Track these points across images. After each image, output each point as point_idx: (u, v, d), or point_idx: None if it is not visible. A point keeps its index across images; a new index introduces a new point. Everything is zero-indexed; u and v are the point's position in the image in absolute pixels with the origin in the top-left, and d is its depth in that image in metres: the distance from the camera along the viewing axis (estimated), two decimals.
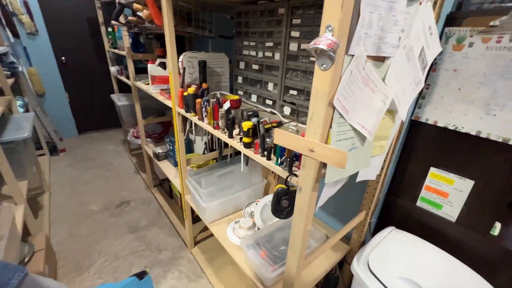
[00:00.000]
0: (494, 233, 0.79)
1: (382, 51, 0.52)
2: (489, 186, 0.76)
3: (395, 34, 0.52)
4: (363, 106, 0.53)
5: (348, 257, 1.08)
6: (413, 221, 0.95)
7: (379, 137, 0.68)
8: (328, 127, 0.49)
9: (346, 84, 0.47)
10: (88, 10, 2.71)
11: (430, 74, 0.80)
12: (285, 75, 0.95)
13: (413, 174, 0.93)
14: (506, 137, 0.70)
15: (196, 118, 0.96)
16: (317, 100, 0.47)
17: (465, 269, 0.78)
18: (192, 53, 1.10)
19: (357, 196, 1.03)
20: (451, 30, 0.74)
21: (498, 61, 0.67)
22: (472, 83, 0.73)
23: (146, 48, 1.79)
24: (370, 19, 0.45)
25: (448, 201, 0.85)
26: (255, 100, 1.13)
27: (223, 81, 1.23)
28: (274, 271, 0.83)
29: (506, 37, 0.65)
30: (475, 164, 0.78)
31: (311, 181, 0.54)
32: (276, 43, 0.95)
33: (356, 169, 0.60)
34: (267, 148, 0.66)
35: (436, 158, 0.86)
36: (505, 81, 0.67)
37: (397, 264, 0.81)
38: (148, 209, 1.93)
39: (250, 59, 1.10)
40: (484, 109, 0.72)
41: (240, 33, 1.12)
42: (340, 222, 1.17)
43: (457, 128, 0.78)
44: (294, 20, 0.86)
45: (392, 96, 0.59)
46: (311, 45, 0.42)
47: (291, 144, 0.54)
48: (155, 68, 1.37)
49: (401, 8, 0.50)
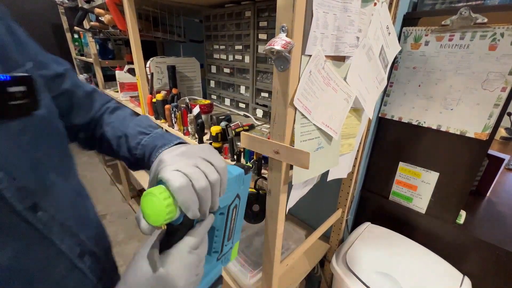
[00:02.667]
0: (460, 222, 0.83)
1: (341, 50, 0.52)
2: (452, 177, 0.80)
3: (352, 34, 0.53)
4: (326, 106, 0.53)
5: (328, 256, 1.09)
6: (387, 215, 0.98)
7: (347, 135, 0.69)
8: (291, 128, 0.49)
9: (306, 84, 0.47)
10: (52, 16, 2.57)
11: (393, 72, 0.84)
12: (256, 78, 0.95)
13: (384, 170, 0.95)
14: (464, 130, 0.74)
15: (166, 124, 0.93)
16: (278, 101, 0.47)
17: (436, 259, 0.81)
18: (161, 58, 1.07)
19: (334, 194, 1.04)
20: (408, 29, 0.77)
21: (451, 58, 0.71)
22: (430, 79, 0.76)
23: (115, 55, 1.72)
24: (325, 20, 0.46)
25: (417, 193, 0.88)
26: (229, 104, 1.11)
27: (195, 86, 1.21)
28: (253, 277, 0.81)
29: (457, 35, 0.69)
30: (438, 157, 0.82)
31: (279, 184, 0.53)
32: (245, 45, 0.95)
33: (324, 168, 0.60)
34: (236, 152, 0.65)
35: (403, 153, 0.89)
36: (459, 77, 0.71)
37: (373, 258, 0.82)
38: (126, 222, 1.85)
39: (221, 62, 1.09)
40: (443, 103, 0.76)
41: (210, 37, 1.10)
42: (321, 220, 1.18)
43: (420, 123, 0.81)
44: (261, 22, 0.86)
45: (356, 94, 0.60)
46: (267, 46, 0.42)
47: (257, 147, 0.53)
48: (123, 74, 1.32)
49: (356, 9, 0.51)
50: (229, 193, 0.37)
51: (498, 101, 0.67)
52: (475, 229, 0.81)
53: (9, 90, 0.25)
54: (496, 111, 0.68)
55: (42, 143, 0.31)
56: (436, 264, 0.79)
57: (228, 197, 0.37)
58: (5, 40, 0.29)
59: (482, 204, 0.97)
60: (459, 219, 0.83)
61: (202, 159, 0.31)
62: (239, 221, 0.43)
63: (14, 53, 0.30)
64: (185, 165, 0.29)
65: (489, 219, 0.87)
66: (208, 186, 0.29)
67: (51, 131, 0.33)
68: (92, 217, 0.41)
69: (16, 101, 0.26)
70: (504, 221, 0.86)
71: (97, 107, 0.48)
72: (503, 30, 0.62)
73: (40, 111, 0.30)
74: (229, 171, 0.36)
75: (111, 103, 0.50)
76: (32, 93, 0.29)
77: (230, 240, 0.41)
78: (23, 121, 0.28)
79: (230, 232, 0.41)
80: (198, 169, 0.29)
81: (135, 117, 0.48)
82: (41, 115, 0.31)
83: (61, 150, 0.35)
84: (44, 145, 0.31)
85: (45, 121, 0.32)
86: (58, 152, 0.34)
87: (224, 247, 0.40)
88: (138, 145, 0.42)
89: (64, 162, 0.36)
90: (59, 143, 0.35)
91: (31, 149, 0.29)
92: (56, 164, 0.33)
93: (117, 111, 0.49)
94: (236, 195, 0.39)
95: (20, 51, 0.32)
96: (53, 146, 0.33)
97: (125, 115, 0.49)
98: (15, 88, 0.26)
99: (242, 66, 0.98)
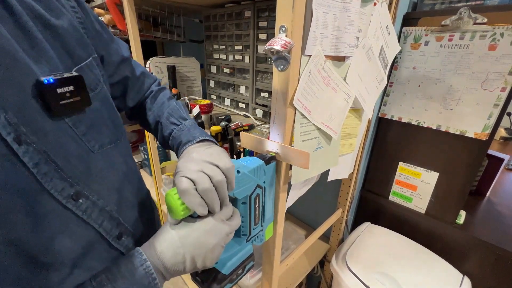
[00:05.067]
0: (459, 222, 0.83)
1: (340, 50, 0.52)
2: (452, 177, 0.80)
3: (352, 34, 0.53)
4: (326, 106, 0.53)
5: (328, 256, 1.09)
6: (387, 215, 0.98)
7: (347, 136, 0.69)
8: (291, 128, 0.49)
9: (305, 84, 0.47)
10: None
11: (393, 72, 0.84)
12: (255, 78, 0.95)
13: (384, 170, 0.95)
14: (463, 130, 0.74)
15: None
16: (278, 101, 0.46)
17: (436, 259, 0.81)
18: (161, 58, 1.07)
19: (334, 194, 1.04)
20: (408, 29, 0.77)
21: (451, 58, 0.71)
22: (430, 79, 0.76)
23: None
24: (325, 20, 0.46)
25: (417, 193, 0.88)
26: (229, 104, 1.11)
27: (195, 86, 1.21)
28: (253, 277, 0.81)
29: (457, 35, 0.69)
30: (438, 157, 0.82)
31: (279, 183, 0.53)
32: (245, 46, 0.95)
33: (323, 168, 0.60)
34: (236, 151, 0.65)
35: (403, 153, 0.89)
36: (459, 77, 0.71)
37: (373, 259, 0.82)
38: None
39: (221, 62, 1.09)
40: (442, 103, 0.76)
41: (210, 37, 1.10)
42: (320, 220, 1.18)
43: (420, 123, 0.81)
44: (261, 22, 0.86)
45: (355, 95, 0.60)
46: (267, 46, 0.42)
47: (257, 146, 0.53)
48: None
49: (355, 9, 0.51)
50: (247, 185, 0.42)
51: (498, 101, 0.67)
52: (475, 229, 0.81)
53: (58, 91, 0.28)
54: (495, 111, 0.68)
55: (95, 133, 0.34)
56: (436, 264, 0.79)
57: (246, 189, 0.42)
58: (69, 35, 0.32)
59: (482, 204, 0.97)
60: (459, 219, 0.83)
61: (208, 163, 0.34)
62: (268, 206, 0.48)
63: (77, 49, 0.33)
64: (190, 171, 0.33)
65: (489, 219, 0.87)
66: (211, 188, 0.33)
67: (104, 121, 0.36)
68: (137, 200, 0.43)
69: (66, 100, 0.29)
70: (504, 221, 0.86)
71: (145, 89, 0.53)
72: (503, 30, 0.62)
73: (94, 105, 0.33)
74: (246, 165, 0.42)
75: (154, 84, 0.55)
76: (83, 91, 0.31)
77: (257, 224, 0.47)
78: (77, 116, 0.31)
79: (256, 217, 0.46)
80: (202, 173, 0.33)
81: (171, 103, 0.53)
82: (94, 108, 0.34)
83: (113, 134, 0.38)
84: (96, 134, 0.34)
85: (98, 112, 0.35)
86: (110, 137, 0.37)
87: (252, 230, 0.46)
88: (170, 136, 0.48)
89: (115, 146, 0.38)
90: (111, 129, 0.37)
91: (84, 140, 0.32)
92: (107, 150, 0.36)
93: (159, 94, 0.54)
94: (257, 185, 0.44)
95: (84, 44, 0.34)
96: (104, 134, 0.36)
97: (164, 100, 0.53)
98: (63, 88, 0.28)
99: (242, 66, 0.98)
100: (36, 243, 0.27)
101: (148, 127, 0.54)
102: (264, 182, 0.46)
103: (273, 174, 0.48)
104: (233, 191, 0.39)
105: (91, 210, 0.32)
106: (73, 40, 0.32)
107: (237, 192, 0.40)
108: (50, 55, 0.29)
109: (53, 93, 0.27)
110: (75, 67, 0.32)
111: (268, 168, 0.45)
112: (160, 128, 0.50)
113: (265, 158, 0.45)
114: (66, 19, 0.32)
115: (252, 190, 0.43)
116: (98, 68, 0.37)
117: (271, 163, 0.46)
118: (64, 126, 0.30)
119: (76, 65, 0.32)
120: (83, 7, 0.37)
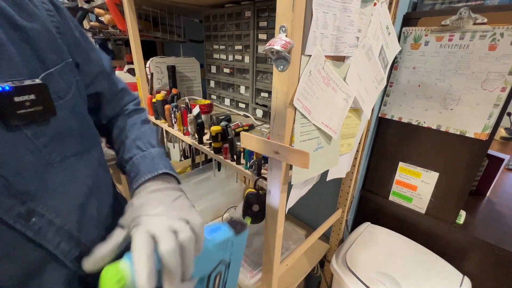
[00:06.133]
0: (459, 222, 0.83)
1: (340, 50, 0.52)
2: (452, 177, 0.80)
3: (352, 34, 0.53)
4: (325, 106, 0.54)
5: (328, 256, 1.09)
6: (387, 215, 0.98)
7: (346, 135, 0.69)
8: (291, 128, 0.49)
9: (305, 84, 0.47)
10: None
11: (393, 72, 0.84)
12: (255, 78, 0.95)
13: (384, 170, 0.95)
14: (463, 130, 0.74)
15: (166, 124, 0.93)
16: (278, 101, 0.47)
17: (436, 259, 0.81)
18: (160, 58, 1.07)
19: (334, 194, 1.04)
20: (408, 29, 0.77)
21: (451, 58, 0.71)
22: (430, 79, 0.76)
23: (115, 55, 1.72)
24: (325, 20, 0.46)
25: (417, 193, 0.88)
26: (229, 104, 1.11)
27: (195, 86, 1.21)
28: (253, 277, 0.81)
29: (457, 35, 0.69)
30: (438, 157, 0.81)
31: (279, 184, 0.53)
32: (245, 46, 0.95)
33: (323, 168, 0.60)
34: (236, 152, 0.65)
35: (403, 153, 0.89)
36: (459, 77, 0.71)
37: (373, 258, 0.82)
38: None
39: (221, 62, 1.09)
40: (442, 104, 0.76)
41: (210, 37, 1.10)
42: (320, 220, 1.18)
43: (420, 123, 0.81)
44: (261, 22, 0.86)
45: (355, 95, 0.60)
46: (267, 46, 0.42)
47: (257, 147, 0.53)
48: (123, 74, 1.32)
49: (355, 9, 0.51)
50: (208, 262, 0.34)
51: (498, 101, 0.67)
52: (475, 229, 0.81)
53: (16, 100, 0.26)
54: (495, 111, 0.68)
55: (58, 144, 0.31)
56: (436, 264, 0.79)
57: (206, 266, 0.34)
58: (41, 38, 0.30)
59: (482, 204, 0.97)
60: (459, 219, 0.83)
61: (177, 217, 0.30)
62: (231, 283, 0.39)
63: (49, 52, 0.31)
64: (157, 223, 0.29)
65: (489, 219, 0.87)
66: (177, 248, 0.27)
67: (71, 131, 0.33)
68: (106, 216, 0.40)
69: (25, 109, 0.26)
70: (504, 221, 0.86)
71: (121, 106, 0.51)
72: (503, 30, 0.62)
73: (61, 114, 0.31)
74: (211, 238, 0.33)
75: (133, 103, 0.53)
76: (46, 100, 0.29)
77: None
78: (38, 126, 0.28)
79: None
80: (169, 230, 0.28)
81: (144, 126, 0.49)
82: (61, 118, 0.31)
83: (79, 145, 0.35)
84: (60, 145, 0.31)
85: (66, 122, 0.32)
86: (76, 148, 0.34)
87: None
88: (130, 160, 0.43)
89: (80, 158, 0.35)
90: (78, 139, 0.35)
91: (44, 152, 0.29)
92: (70, 163, 0.33)
93: (134, 115, 0.51)
94: (220, 261, 0.35)
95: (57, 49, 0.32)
96: (70, 145, 0.33)
97: (136, 122, 0.49)
98: (22, 97, 0.26)
99: (242, 66, 0.98)
100: None
101: (112, 145, 0.50)
102: (230, 255, 0.37)
103: (243, 244, 0.39)
104: None
105: (46, 229, 0.30)
106: (45, 44, 0.30)
107: (195, 271, 0.30)
108: (13, 59, 0.27)
109: (8, 102, 0.25)
110: (44, 72, 0.30)
111: (238, 239, 0.36)
112: (122, 149, 0.46)
113: (236, 226, 0.36)
114: (39, 22, 0.30)
115: (213, 268, 0.35)
116: (71, 74, 0.35)
117: (242, 233, 0.37)
118: (21, 138, 0.27)
119: (46, 70, 0.30)
120: (61, 12, 0.35)
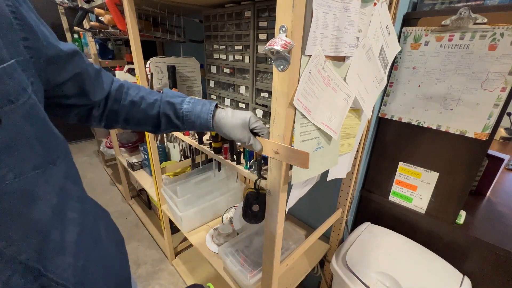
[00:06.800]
0: (459, 222, 0.83)
1: (340, 50, 0.52)
2: (452, 177, 0.80)
3: (352, 34, 0.53)
4: (326, 106, 0.53)
5: (328, 256, 1.09)
6: (387, 215, 0.98)
7: (346, 135, 0.69)
8: (291, 128, 0.49)
9: (306, 84, 0.47)
10: (52, 16, 2.57)
11: (393, 72, 0.84)
12: (255, 78, 0.95)
13: (384, 170, 0.95)
14: (463, 130, 0.74)
15: None
16: (278, 101, 0.47)
17: (436, 259, 0.81)
18: (160, 58, 1.07)
19: (334, 194, 1.04)
20: (408, 29, 0.77)
21: (451, 58, 0.71)
22: (430, 79, 0.76)
23: (115, 55, 1.72)
24: (325, 20, 0.46)
25: (417, 193, 0.88)
26: (229, 104, 1.11)
27: (195, 86, 1.21)
28: (253, 277, 0.81)
29: (457, 35, 0.69)
30: (438, 157, 0.81)
31: (279, 184, 0.53)
32: (245, 46, 0.95)
33: (323, 168, 0.60)
34: (236, 152, 0.65)
35: (403, 153, 0.89)
36: (459, 77, 0.71)
37: (373, 258, 0.82)
38: (125, 222, 1.85)
39: (221, 62, 1.08)
40: (442, 103, 0.76)
41: (210, 37, 1.10)
42: (321, 220, 1.18)
43: (420, 123, 0.81)
44: (261, 22, 0.86)
45: (355, 95, 0.60)
46: (267, 46, 0.42)
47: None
48: (123, 74, 1.32)
49: (355, 9, 0.51)
50: None
51: (498, 101, 0.67)
52: (475, 229, 0.81)
53: None
54: (495, 111, 0.68)
55: (9, 157, 0.26)
56: (436, 264, 0.79)
57: None
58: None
59: (482, 204, 0.97)
60: (459, 219, 0.83)
61: None
62: None
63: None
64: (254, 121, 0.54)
65: (489, 219, 0.87)
66: None
67: (27, 141, 0.28)
68: (72, 240, 0.33)
69: None
70: (504, 221, 0.86)
71: (108, 84, 0.52)
72: (503, 30, 0.62)
73: (12, 121, 0.26)
74: None
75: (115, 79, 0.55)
76: None
77: None
78: None
79: None
80: None
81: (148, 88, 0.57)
82: (12, 125, 0.26)
83: (40, 157, 0.29)
84: (12, 158, 0.26)
85: (18, 130, 0.27)
86: (35, 161, 0.29)
87: None
88: (183, 102, 0.53)
89: (43, 173, 0.30)
90: (38, 150, 0.29)
91: None
92: (28, 179, 0.28)
93: (127, 84, 0.55)
94: None
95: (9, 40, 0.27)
96: (26, 157, 0.28)
97: (140, 85, 0.56)
98: None
99: (242, 66, 0.98)
100: None
101: (126, 115, 0.53)
102: None
103: None
104: None
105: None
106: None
107: None
108: None
109: None
110: None
111: None
112: (166, 102, 0.53)
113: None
114: None
115: None
116: (25, 74, 0.28)
117: None
118: None
119: None
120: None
